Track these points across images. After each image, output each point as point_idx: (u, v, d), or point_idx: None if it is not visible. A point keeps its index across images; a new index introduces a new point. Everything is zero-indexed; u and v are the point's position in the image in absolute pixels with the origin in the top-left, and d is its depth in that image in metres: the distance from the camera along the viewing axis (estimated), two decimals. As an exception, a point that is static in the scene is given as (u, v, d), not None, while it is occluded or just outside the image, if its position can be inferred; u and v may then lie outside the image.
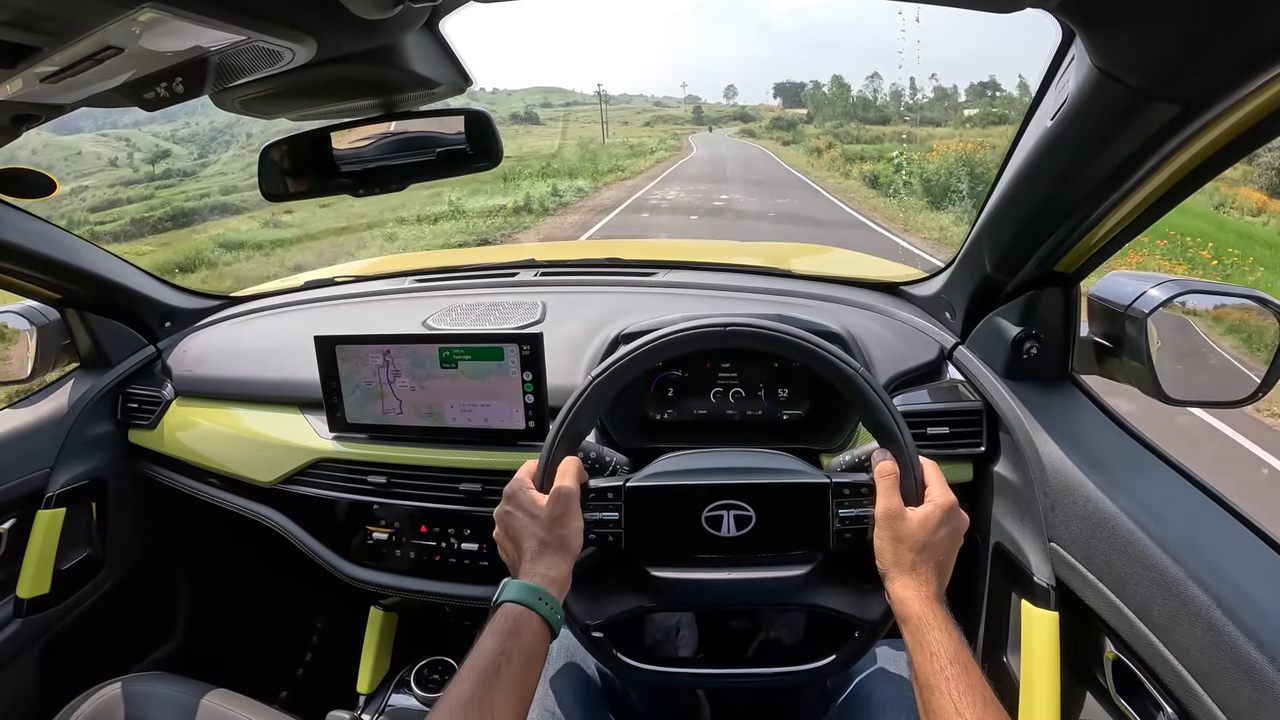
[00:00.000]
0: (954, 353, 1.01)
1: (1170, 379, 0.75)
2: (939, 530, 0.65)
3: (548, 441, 0.73)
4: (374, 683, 1.27)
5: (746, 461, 0.74)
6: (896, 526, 0.65)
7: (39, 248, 1.08)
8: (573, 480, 0.69)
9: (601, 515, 0.72)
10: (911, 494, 0.67)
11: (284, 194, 0.86)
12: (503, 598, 0.62)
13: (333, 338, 1.02)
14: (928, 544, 0.64)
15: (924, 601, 0.61)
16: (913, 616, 0.60)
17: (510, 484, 0.71)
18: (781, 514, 0.71)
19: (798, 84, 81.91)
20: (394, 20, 0.60)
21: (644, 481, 0.73)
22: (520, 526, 0.68)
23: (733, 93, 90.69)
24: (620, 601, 0.73)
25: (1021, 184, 0.73)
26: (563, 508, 0.67)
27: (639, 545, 0.72)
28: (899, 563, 0.64)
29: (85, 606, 1.23)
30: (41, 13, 0.47)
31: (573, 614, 0.72)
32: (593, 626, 0.73)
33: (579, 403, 0.72)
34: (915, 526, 0.64)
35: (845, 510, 0.69)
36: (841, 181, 20.43)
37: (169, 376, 1.27)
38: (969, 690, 0.55)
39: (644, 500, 0.72)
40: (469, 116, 0.80)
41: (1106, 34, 0.51)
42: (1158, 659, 0.65)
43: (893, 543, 0.64)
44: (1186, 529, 0.67)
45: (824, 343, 0.71)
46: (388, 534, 1.05)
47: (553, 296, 1.23)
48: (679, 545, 0.73)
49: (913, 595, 0.61)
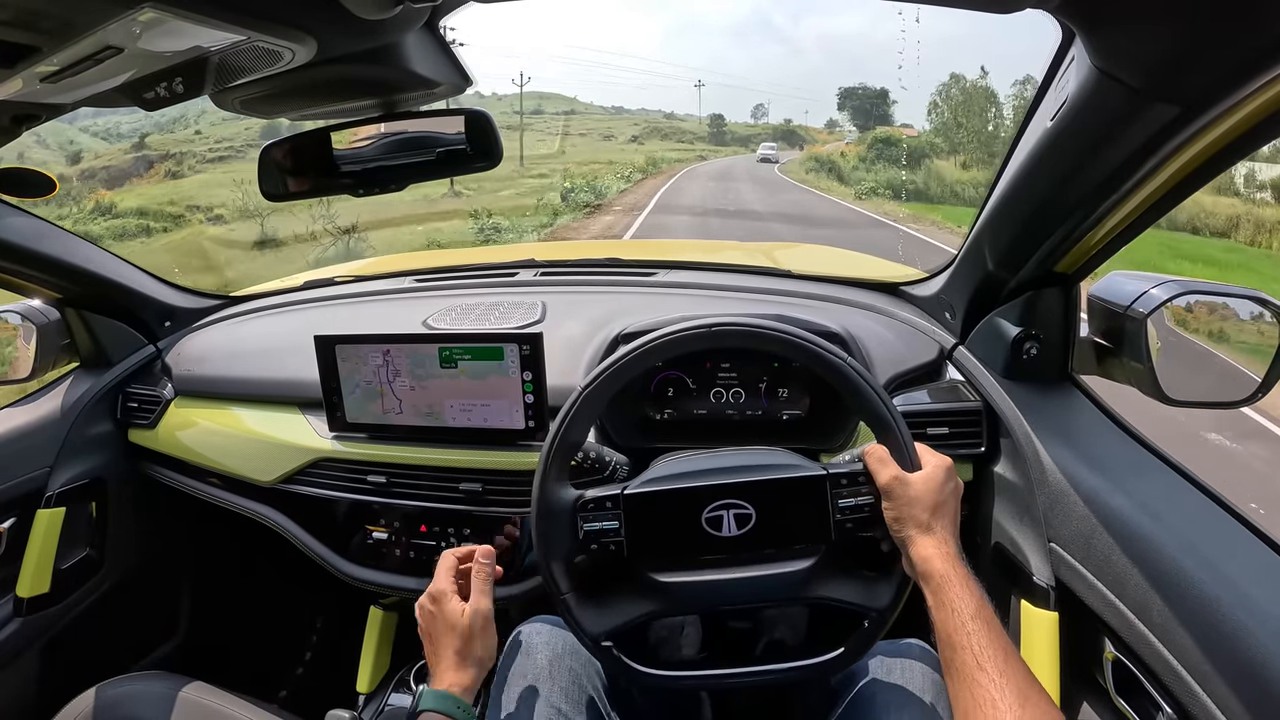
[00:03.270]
0: (954, 353, 1.01)
1: (1170, 379, 0.75)
2: (945, 487, 0.66)
3: (542, 455, 0.73)
4: (373, 682, 1.27)
5: (743, 460, 0.75)
6: (902, 492, 0.65)
7: (39, 247, 1.08)
8: (489, 599, 0.73)
9: (601, 525, 0.72)
10: (907, 463, 0.68)
11: (284, 194, 0.86)
12: (422, 706, 0.67)
13: (333, 337, 1.02)
14: (938, 502, 0.65)
15: (945, 559, 0.62)
16: (935, 574, 0.61)
17: (436, 584, 0.74)
18: (781, 509, 0.71)
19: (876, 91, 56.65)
20: (394, 20, 0.60)
21: (641, 488, 0.73)
22: (440, 633, 0.72)
23: (762, 112, 71.19)
24: (627, 610, 0.73)
25: (1021, 184, 0.74)
26: (480, 624, 0.71)
27: (641, 552, 0.72)
28: (916, 523, 0.64)
29: (85, 606, 1.23)
30: (41, 13, 0.47)
31: (582, 626, 0.72)
32: (602, 636, 0.73)
33: (571, 413, 0.73)
34: (922, 488, 0.66)
35: (844, 500, 0.70)
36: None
37: (169, 376, 1.27)
38: (990, 644, 0.56)
39: (643, 506, 0.72)
40: (469, 116, 0.80)
41: (1106, 34, 0.51)
42: (1157, 659, 0.65)
43: (904, 508, 0.65)
44: (1186, 529, 0.67)
45: (813, 336, 0.71)
46: (387, 533, 1.05)
47: (553, 296, 1.23)
48: (681, 548, 0.73)
49: (934, 554, 0.62)
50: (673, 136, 48.82)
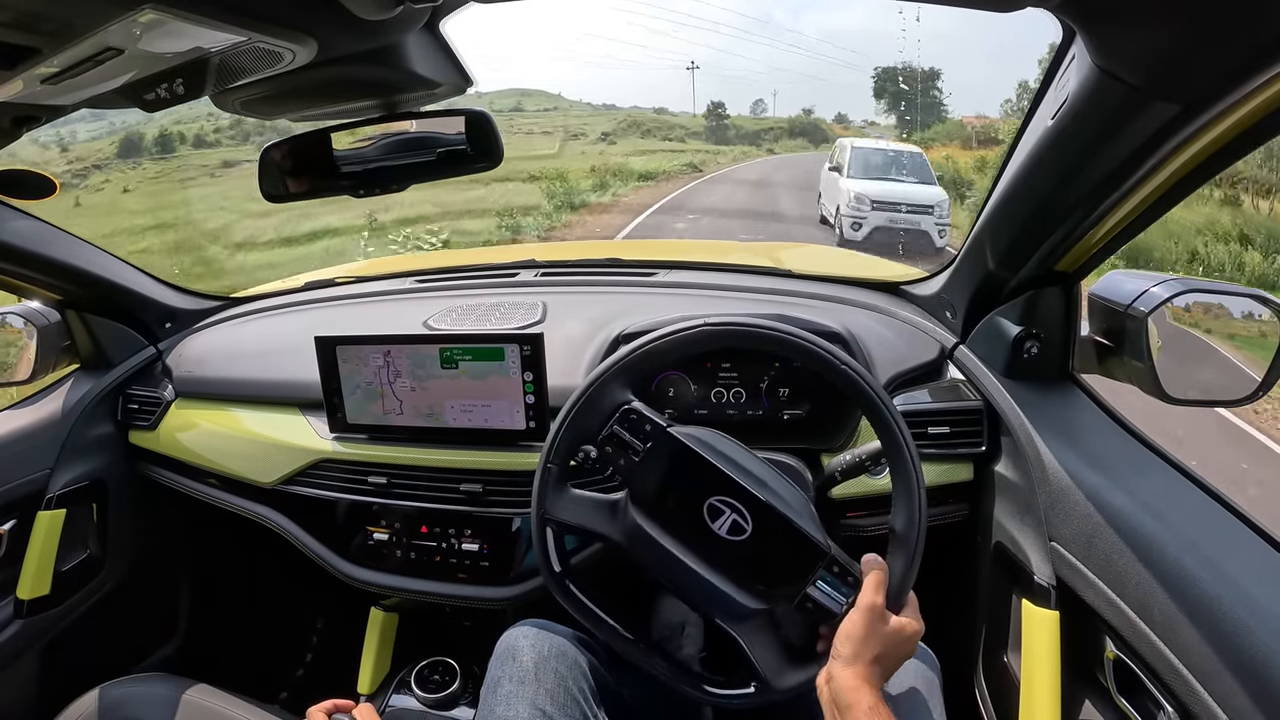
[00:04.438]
0: (954, 352, 1.01)
1: (1171, 378, 0.75)
2: (905, 645, 0.67)
3: (612, 359, 0.74)
4: (374, 683, 1.27)
5: (774, 482, 0.74)
6: (875, 623, 0.65)
7: (39, 248, 1.08)
8: None
9: (629, 437, 0.73)
10: (894, 599, 0.68)
11: (284, 194, 0.86)
12: None
13: (333, 338, 1.02)
14: (891, 652, 0.66)
15: (875, 694, 0.61)
16: (863, 704, 0.60)
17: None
18: (772, 548, 0.70)
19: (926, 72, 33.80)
20: (395, 21, 0.60)
21: (683, 436, 0.73)
22: None
23: (761, 107, 56.08)
24: (587, 516, 0.75)
25: (1022, 183, 0.74)
26: None
27: (641, 482, 0.73)
28: (859, 655, 0.64)
29: (85, 607, 1.22)
30: (41, 14, 0.47)
31: (543, 500, 0.74)
32: (550, 519, 0.75)
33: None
34: (892, 631, 0.66)
35: (822, 584, 0.68)
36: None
37: (169, 377, 1.27)
38: None
39: (672, 450, 0.73)
40: (469, 117, 0.80)
41: (1107, 33, 0.51)
42: (1158, 658, 0.65)
43: (864, 635, 0.64)
44: (1187, 528, 0.67)
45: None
46: (388, 534, 1.05)
47: (553, 297, 1.23)
48: (672, 510, 0.73)
49: (864, 685, 0.62)
50: (657, 133, 32.60)
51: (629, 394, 0.75)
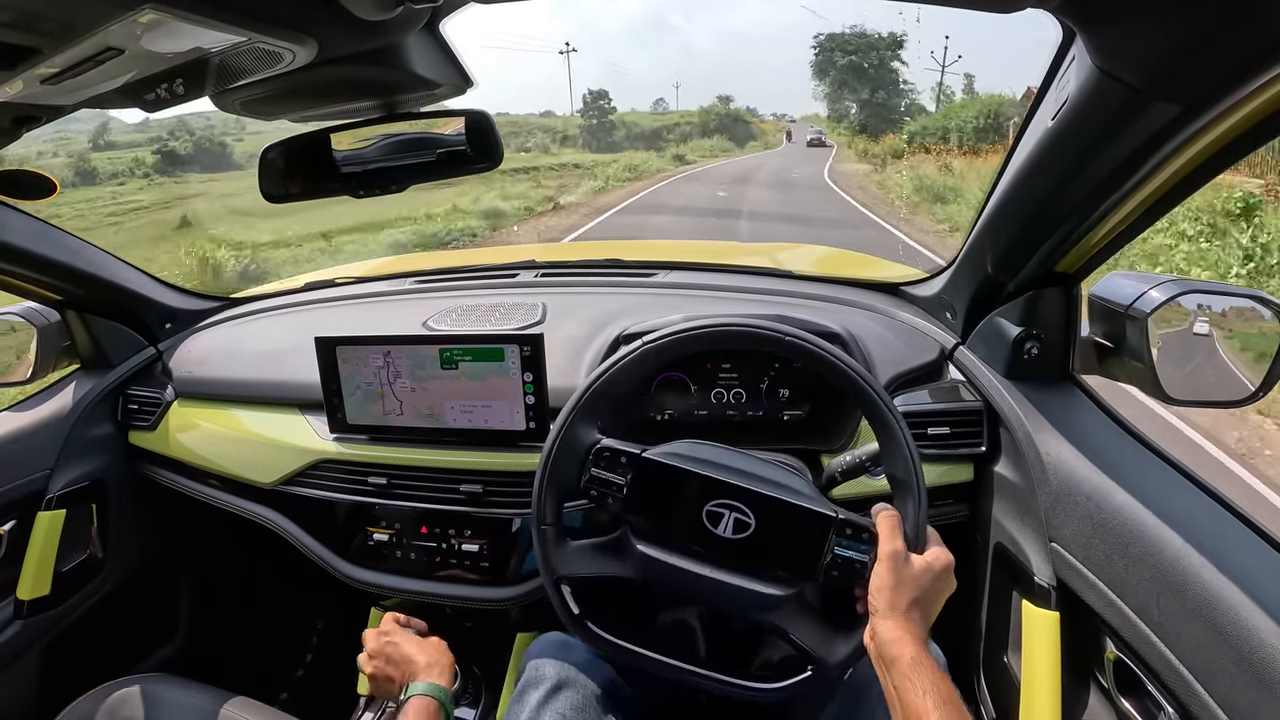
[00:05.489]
0: (955, 353, 1.01)
1: (1171, 379, 0.75)
2: (939, 581, 0.66)
3: (573, 398, 0.74)
4: (375, 684, 1.27)
5: (764, 471, 0.74)
6: (898, 569, 0.65)
7: (39, 249, 1.08)
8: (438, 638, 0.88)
9: (609, 476, 0.72)
10: (914, 540, 0.67)
11: (284, 195, 0.86)
12: (412, 692, 0.78)
13: (333, 339, 1.02)
14: (926, 592, 0.65)
15: (918, 644, 0.61)
16: (905, 656, 0.60)
17: (388, 620, 0.91)
18: (780, 532, 0.71)
19: (884, 39, 31.91)
20: (395, 21, 0.60)
21: (659, 457, 0.73)
22: (409, 652, 0.84)
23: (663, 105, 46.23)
24: (597, 564, 0.75)
25: (1022, 184, 0.74)
26: (439, 650, 0.85)
27: (635, 514, 0.73)
28: (895, 605, 0.63)
29: (86, 608, 1.22)
30: (42, 14, 0.47)
31: (549, 562, 0.74)
32: (563, 578, 0.74)
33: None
34: (919, 571, 0.65)
35: (840, 549, 0.69)
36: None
37: (169, 378, 1.27)
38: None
39: (653, 475, 0.73)
40: (470, 117, 0.80)
41: (1107, 34, 0.51)
42: (1158, 658, 0.65)
43: (894, 583, 0.64)
44: (1187, 529, 0.67)
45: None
46: (388, 535, 1.05)
47: (553, 297, 1.23)
48: (673, 529, 0.73)
49: (906, 636, 0.61)
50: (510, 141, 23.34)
51: (594, 433, 0.75)
